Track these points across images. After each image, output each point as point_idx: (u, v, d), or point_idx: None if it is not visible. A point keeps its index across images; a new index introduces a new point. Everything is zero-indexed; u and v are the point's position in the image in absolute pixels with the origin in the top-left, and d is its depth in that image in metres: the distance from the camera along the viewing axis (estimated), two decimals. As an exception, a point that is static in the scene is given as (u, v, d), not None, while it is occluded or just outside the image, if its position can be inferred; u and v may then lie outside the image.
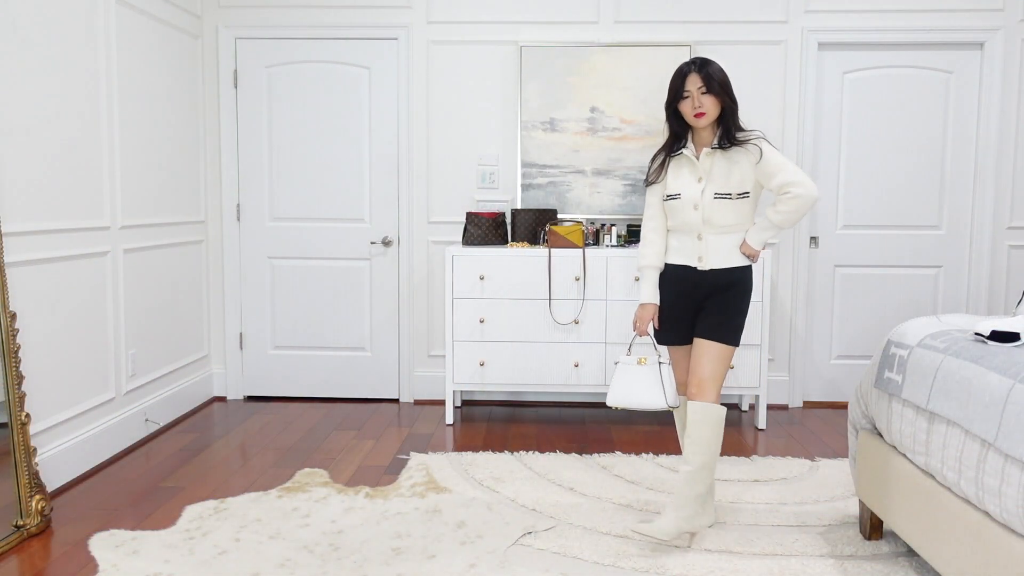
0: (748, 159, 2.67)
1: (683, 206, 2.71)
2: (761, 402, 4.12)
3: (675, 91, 2.69)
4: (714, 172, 2.68)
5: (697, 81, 2.64)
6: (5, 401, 2.77)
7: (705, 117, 2.66)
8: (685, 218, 2.71)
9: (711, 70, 2.65)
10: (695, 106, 2.65)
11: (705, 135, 2.72)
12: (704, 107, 2.64)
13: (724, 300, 2.71)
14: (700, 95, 2.64)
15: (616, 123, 4.41)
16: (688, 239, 2.74)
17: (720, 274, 2.72)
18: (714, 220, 2.68)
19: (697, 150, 2.73)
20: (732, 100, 2.68)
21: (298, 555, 2.61)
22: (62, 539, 2.76)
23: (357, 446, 3.81)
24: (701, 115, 2.65)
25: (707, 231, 2.71)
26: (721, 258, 2.71)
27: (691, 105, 2.66)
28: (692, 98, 2.65)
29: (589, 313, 4.04)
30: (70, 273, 3.31)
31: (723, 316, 2.70)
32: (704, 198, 2.68)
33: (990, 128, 4.40)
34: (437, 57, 4.48)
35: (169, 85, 4.14)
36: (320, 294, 4.62)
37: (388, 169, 4.55)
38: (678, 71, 2.69)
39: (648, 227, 2.82)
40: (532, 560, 2.58)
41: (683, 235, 2.75)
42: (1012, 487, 1.90)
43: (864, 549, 2.67)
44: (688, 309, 2.77)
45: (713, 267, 2.71)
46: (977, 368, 2.10)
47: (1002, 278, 4.49)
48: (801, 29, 4.40)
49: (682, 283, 2.76)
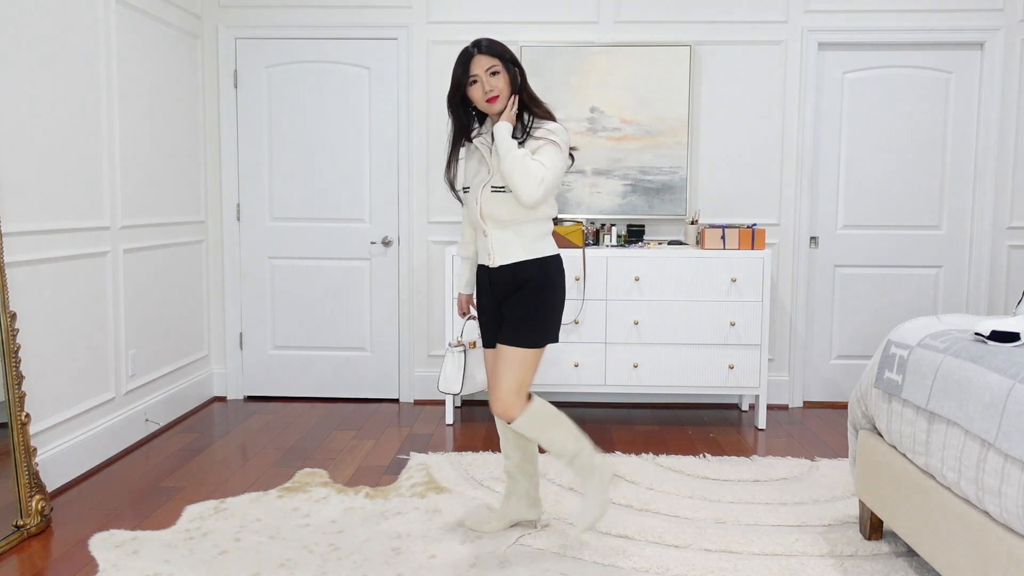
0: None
1: (470, 200, 2.57)
2: (761, 402, 4.12)
3: (460, 78, 2.45)
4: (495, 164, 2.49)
5: (485, 62, 2.42)
6: (5, 401, 2.77)
7: (499, 100, 2.44)
8: (472, 214, 2.56)
9: (497, 48, 2.44)
10: (486, 90, 2.43)
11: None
12: (496, 89, 2.43)
13: (520, 300, 2.52)
14: (489, 77, 2.42)
15: (616, 123, 4.41)
16: (480, 237, 2.60)
17: (509, 271, 2.52)
18: (494, 215, 2.50)
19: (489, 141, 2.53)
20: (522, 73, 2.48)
21: (298, 555, 2.61)
22: (62, 539, 2.76)
23: (357, 446, 3.82)
24: (495, 99, 2.43)
25: (490, 226, 2.52)
26: (506, 253, 2.52)
27: (481, 90, 2.44)
28: (481, 82, 2.43)
29: (589, 313, 4.04)
30: (70, 273, 3.31)
31: (519, 318, 2.51)
32: (484, 191, 2.50)
33: (990, 128, 4.40)
34: (437, 57, 4.48)
35: (169, 85, 4.14)
36: (320, 294, 4.62)
37: (388, 169, 4.55)
38: (462, 55, 2.45)
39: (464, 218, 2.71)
40: (532, 560, 2.58)
41: (478, 233, 2.61)
42: (1012, 487, 1.90)
43: (864, 549, 2.67)
44: (493, 311, 2.62)
45: (501, 263, 2.53)
46: (977, 368, 2.10)
47: (1002, 278, 4.49)
48: (801, 29, 4.40)
49: (482, 285, 2.64)
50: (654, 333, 4.04)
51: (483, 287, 2.65)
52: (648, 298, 4.04)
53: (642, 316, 4.04)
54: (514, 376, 2.50)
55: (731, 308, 4.04)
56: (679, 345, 4.07)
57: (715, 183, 4.48)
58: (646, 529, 2.81)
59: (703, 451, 3.74)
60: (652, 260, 4.04)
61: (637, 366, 4.08)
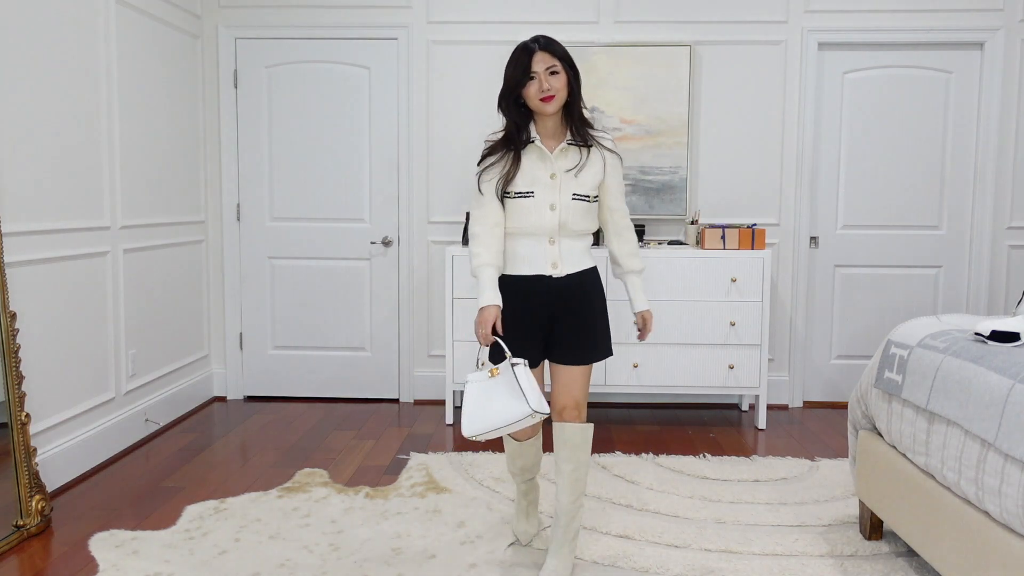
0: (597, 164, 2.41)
1: (537, 206, 2.35)
2: (761, 402, 4.13)
3: (522, 72, 2.32)
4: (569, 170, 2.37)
5: (546, 60, 2.31)
6: (5, 401, 2.77)
7: (554, 101, 2.33)
8: (539, 220, 2.36)
9: (558, 48, 2.34)
10: (544, 88, 2.31)
11: (550, 124, 2.39)
12: (553, 89, 2.31)
13: (582, 315, 2.41)
14: (548, 76, 2.31)
15: (616, 123, 4.41)
16: (539, 244, 2.39)
17: (575, 279, 2.41)
18: (570, 224, 2.37)
19: (545, 143, 2.39)
20: (579, 80, 2.38)
21: (298, 555, 2.61)
22: (62, 539, 2.76)
23: (357, 446, 3.81)
24: (550, 98, 2.32)
25: (562, 235, 2.39)
26: (575, 261, 2.42)
27: (538, 87, 2.31)
28: (539, 79, 2.31)
29: (589, 313, 4.04)
30: (70, 273, 3.31)
31: (585, 334, 2.41)
32: (562, 198, 2.36)
33: (990, 128, 4.40)
34: (437, 57, 4.48)
35: (169, 85, 4.14)
36: (320, 294, 4.62)
37: (388, 169, 4.55)
38: (521, 52, 2.33)
39: (484, 225, 2.38)
40: (532, 560, 2.58)
41: (531, 240, 2.39)
42: (1012, 487, 1.90)
43: (864, 549, 2.67)
44: (540, 326, 2.40)
45: (568, 272, 2.40)
46: (977, 368, 2.10)
47: (1002, 278, 4.49)
48: (801, 29, 4.40)
49: (534, 296, 2.39)
50: (654, 333, 4.04)
51: (531, 297, 2.40)
52: (648, 298, 4.03)
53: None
54: (585, 386, 2.43)
55: (731, 308, 4.04)
56: (679, 345, 4.07)
57: (715, 183, 4.48)
58: (646, 529, 2.81)
59: (703, 451, 3.75)
60: (652, 260, 4.04)
61: (637, 366, 4.08)
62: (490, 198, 2.38)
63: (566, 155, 2.38)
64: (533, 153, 2.37)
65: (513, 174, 2.36)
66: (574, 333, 2.41)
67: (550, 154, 2.37)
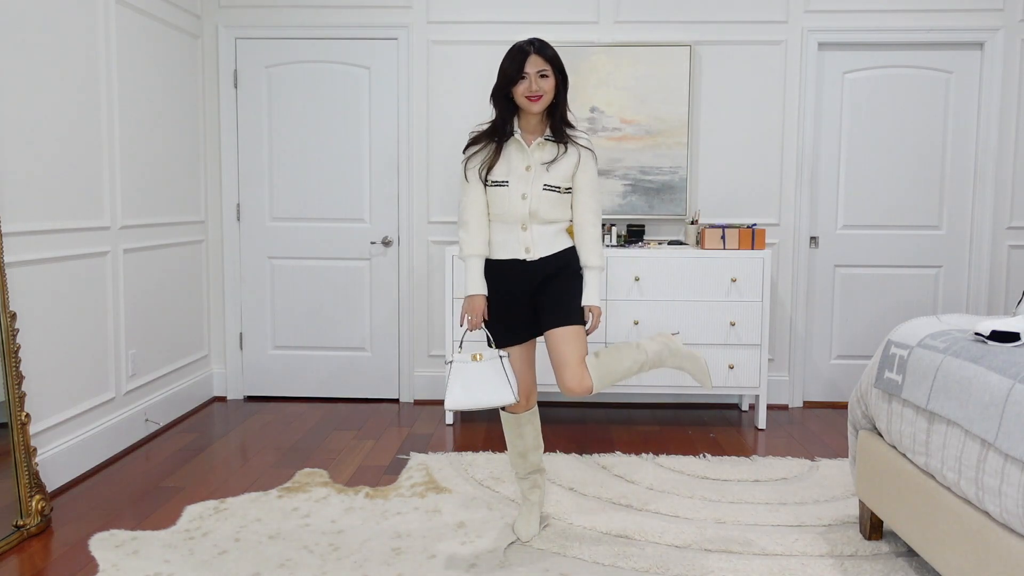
0: (571, 159, 2.59)
1: (510, 194, 2.56)
2: (761, 402, 4.13)
3: (515, 71, 2.50)
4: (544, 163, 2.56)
5: (538, 63, 2.50)
6: (5, 401, 2.77)
7: (540, 102, 2.52)
8: (511, 208, 2.57)
9: (550, 53, 2.52)
10: (532, 89, 2.49)
11: (533, 121, 2.58)
12: (541, 91, 2.50)
13: (561, 284, 2.61)
14: (538, 78, 2.49)
15: (616, 123, 4.41)
16: (512, 230, 2.59)
17: (549, 261, 2.60)
18: (540, 212, 2.57)
19: (525, 137, 2.58)
20: (566, 84, 2.57)
21: (298, 555, 2.61)
22: (62, 539, 2.76)
23: (357, 446, 3.81)
24: (537, 98, 2.51)
25: (533, 222, 2.58)
26: (547, 245, 2.60)
27: (527, 87, 2.50)
28: (530, 80, 2.49)
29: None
30: (70, 273, 3.31)
31: (567, 298, 2.59)
32: (533, 188, 2.55)
33: (990, 128, 4.40)
34: (437, 57, 4.48)
35: (169, 85, 4.14)
36: (320, 294, 4.62)
37: (388, 169, 4.55)
38: (516, 52, 2.51)
39: (472, 213, 2.60)
40: (532, 560, 2.58)
41: (506, 226, 2.60)
42: (1012, 487, 1.90)
43: (864, 549, 2.67)
44: (524, 304, 2.62)
45: (542, 255, 2.60)
46: (977, 368, 2.10)
47: (1002, 278, 4.49)
48: (801, 29, 4.40)
49: (512, 279, 2.61)
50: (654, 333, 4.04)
51: (510, 280, 2.62)
52: (648, 298, 4.04)
53: (642, 316, 4.04)
54: (579, 350, 2.55)
55: (731, 308, 4.04)
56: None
57: (715, 183, 4.48)
58: (646, 529, 2.81)
59: (703, 451, 3.75)
60: (652, 260, 4.04)
61: (637, 366, 4.07)
62: (475, 184, 2.61)
63: (543, 149, 2.58)
64: (513, 145, 2.58)
65: (493, 163, 2.57)
66: (556, 299, 2.60)
67: (527, 147, 2.56)
